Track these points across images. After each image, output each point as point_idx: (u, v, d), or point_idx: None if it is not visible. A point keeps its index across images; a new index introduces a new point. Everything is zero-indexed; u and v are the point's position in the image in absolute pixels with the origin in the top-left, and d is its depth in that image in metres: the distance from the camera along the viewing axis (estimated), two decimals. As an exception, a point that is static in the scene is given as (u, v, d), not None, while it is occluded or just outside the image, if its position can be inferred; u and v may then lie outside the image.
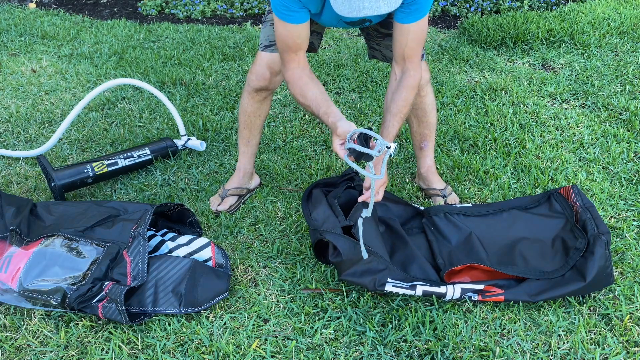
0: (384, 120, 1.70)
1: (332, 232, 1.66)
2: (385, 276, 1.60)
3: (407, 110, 1.70)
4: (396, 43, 1.68)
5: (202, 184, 2.27)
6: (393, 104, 1.69)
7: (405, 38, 1.65)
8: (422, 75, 1.76)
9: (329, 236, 1.65)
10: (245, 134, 2.08)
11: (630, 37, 3.63)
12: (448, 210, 1.92)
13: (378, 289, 1.60)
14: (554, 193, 1.93)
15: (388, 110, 1.70)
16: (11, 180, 2.31)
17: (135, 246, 1.64)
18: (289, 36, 1.62)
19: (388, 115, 1.69)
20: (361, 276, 1.61)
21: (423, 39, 1.68)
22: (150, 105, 2.95)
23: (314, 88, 1.65)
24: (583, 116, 2.71)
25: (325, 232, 1.66)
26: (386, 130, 1.68)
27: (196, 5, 4.65)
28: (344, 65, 3.44)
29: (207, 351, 1.51)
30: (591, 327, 1.55)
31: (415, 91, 1.72)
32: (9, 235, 1.75)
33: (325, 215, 1.73)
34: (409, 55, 1.68)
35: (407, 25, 1.62)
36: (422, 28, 1.64)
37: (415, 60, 1.69)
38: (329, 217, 1.72)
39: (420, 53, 1.70)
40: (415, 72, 1.69)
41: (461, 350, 1.50)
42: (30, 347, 1.54)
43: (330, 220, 1.71)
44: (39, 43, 3.91)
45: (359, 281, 1.61)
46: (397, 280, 1.61)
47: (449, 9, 4.46)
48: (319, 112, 1.63)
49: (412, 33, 1.63)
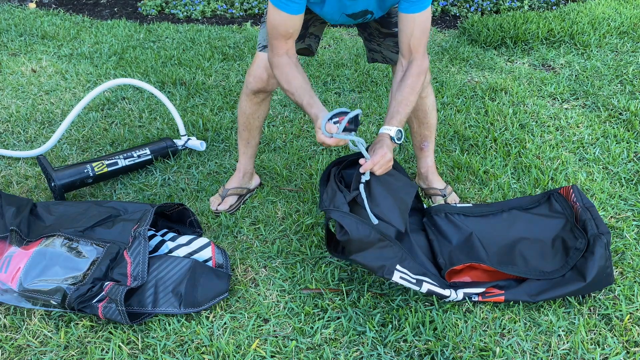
0: (389, 107, 1.71)
1: (338, 210, 1.61)
2: (395, 263, 1.56)
3: (413, 97, 1.70)
4: (402, 34, 1.69)
5: (202, 184, 2.27)
6: (398, 91, 1.70)
7: (410, 28, 1.66)
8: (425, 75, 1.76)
9: (334, 214, 1.59)
10: (244, 135, 2.09)
11: (630, 37, 3.63)
12: (448, 210, 1.92)
13: (386, 276, 1.56)
14: (554, 193, 1.92)
15: (394, 97, 1.71)
16: (11, 180, 2.31)
17: (136, 246, 1.64)
18: (282, 24, 1.62)
19: (394, 102, 1.70)
20: (371, 260, 1.57)
21: (428, 29, 1.69)
22: (150, 105, 2.95)
23: (299, 77, 1.67)
24: (583, 116, 2.71)
25: (331, 211, 1.61)
26: (390, 116, 1.68)
27: (196, 5, 4.65)
28: (344, 65, 3.44)
29: (207, 351, 1.51)
30: (591, 327, 1.55)
31: (422, 79, 1.73)
32: (9, 235, 1.75)
33: (332, 194, 1.69)
34: (415, 45, 1.69)
35: (412, 15, 1.64)
36: (426, 17, 1.66)
37: (421, 51, 1.71)
38: (335, 194, 1.68)
39: (425, 43, 1.71)
40: (421, 62, 1.71)
41: (461, 350, 1.50)
42: (30, 347, 1.54)
43: (336, 197, 1.67)
44: (39, 43, 3.91)
45: (368, 264, 1.57)
46: (406, 270, 1.57)
47: (449, 9, 4.46)
48: (302, 101, 1.65)
49: (417, 22, 1.65)
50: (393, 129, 1.66)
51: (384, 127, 1.68)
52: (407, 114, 1.70)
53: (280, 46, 1.67)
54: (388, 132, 1.66)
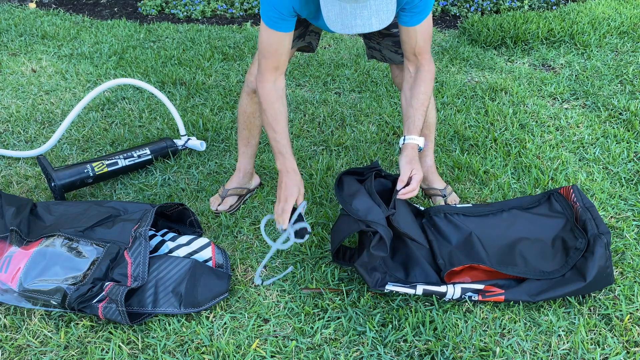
0: (407, 116, 1.72)
1: (383, 224, 1.60)
2: (386, 279, 1.62)
3: (427, 103, 1.73)
4: (405, 45, 1.70)
5: (202, 184, 2.27)
6: (414, 99, 1.71)
7: (413, 39, 1.66)
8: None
9: (381, 230, 1.58)
10: (245, 134, 2.09)
11: (630, 37, 3.63)
12: (448, 211, 1.92)
13: (378, 288, 1.61)
14: (554, 193, 1.92)
15: (410, 105, 1.72)
16: (11, 180, 2.31)
17: (137, 247, 1.64)
18: (272, 43, 1.63)
19: (411, 110, 1.71)
20: (369, 271, 1.61)
21: (430, 35, 1.70)
22: (150, 105, 2.95)
23: (284, 119, 1.71)
24: (583, 116, 2.71)
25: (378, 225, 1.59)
26: (412, 125, 1.70)
27: (196, 5, 4.65)
28: (344, 65, 3.44)
29: (207, 351, 1.51)
30: (591, 327, 1.55)
31: (433, 83, 1.75)
32: (9, 235, 1.75)
33: (368, 205, 1.68)
34: (419, 52, 1.70)
35: (413, 27, 1.64)
36: (428, 26, 1.66)
37: (427, 56, 1.72)
38: (371, 207, 1.67)
39: (429, 46, 1.72)
40: (429, 66, 1.73)
41: (461, 350, 1.50)
42: (30, 347, 1.54)
43: (374, 211, 1.65)
44: (39, 43, 3.91)
45: (365, 276, 1.61)
46: (397, 283, 1.62)
47: (449, 9, 4.46)
48: (279, 147, 1.70)
49: (419, 33, 1.65)
50: (420, 140, 1.71)
51: (410, 137, 1.70)
52: (424, 120, 1.74)
53: (270, 71, 1.67)
54: (417, 143, 1.71)
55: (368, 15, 1.38)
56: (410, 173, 1.67)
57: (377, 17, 1.39)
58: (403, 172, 1.68)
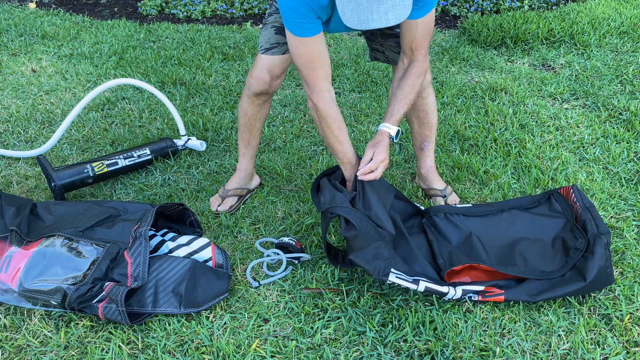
0: (389, 104, 1.73)
1: (342, 206, 1.62)
2: (390, 265, 1.58)
3: (412, 97, 1.73)
4: (404, 37, 1.70)
5: (202, 184, 2.27)
6: (399, 90, 1.72)
7: (413, 32, 1.66)
8: (425, 76, 1.77)
9: (340, 210, 1.61)
10: (245, 136, 2.08)
11: (630, 37, 3.63)
12: (448, 211, 1.92)
13: (382, 277, 1.57)
14: (554, 193, 1.93)
15: (394, 95, 1.72)
16: (11, 180, 2.31)
17: (137, 247, 1.64)
18: (310, 51, 1.59)
19: (393, 100, 1.72)
20: (369, 261, 1.59)
21: (431, 31, 1.70)
22: (150, 105, 2.95)
23: (345, 128, 1.72)
24: (583, 116, 2.71)
25: (336, 207, 1.62)
26: (390, 114, 1.70)
27: (196, 5, 4.65)
28: (344, 65, 3.44)
29: (207, 351, 1.51)
30: (591, 327, 1.55)
31: (422, 79, 1.75)
32: (9, 235, 1.75)
33: (331, 195, 1.71)
34: (416, 47, 1.70)
35: (415, 21, 1.64)
36: (429, 21, 1.66)
37: (423, 51, 1.71)
38: (334, 195, 1.70)
39: (428, 44, 1.72)
40: (422, 62, 1.72)
41: (461, 350, 1.50)
42: (30, 347, 1.54)
43: (336, 197, 1.68)
44: (39, 43, 3.91)
45: (366, 266, 1.59)
46: (401, 272, 1.59)
47: (449, 9, 4.46)
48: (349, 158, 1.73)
49: (420, 27, 1.65)
50: (393, 129, 1.69)
51: (384, 125, 1.71)
52: (405, 113, 1.73)
53: (321, 83, 1.64)
54: (388, 131, 1.69)
55: (385, 10, 1.38)
56: (371, 155, 1.67)
57: (394, 11, 1.38)
58: (365, 154, 1.69)
